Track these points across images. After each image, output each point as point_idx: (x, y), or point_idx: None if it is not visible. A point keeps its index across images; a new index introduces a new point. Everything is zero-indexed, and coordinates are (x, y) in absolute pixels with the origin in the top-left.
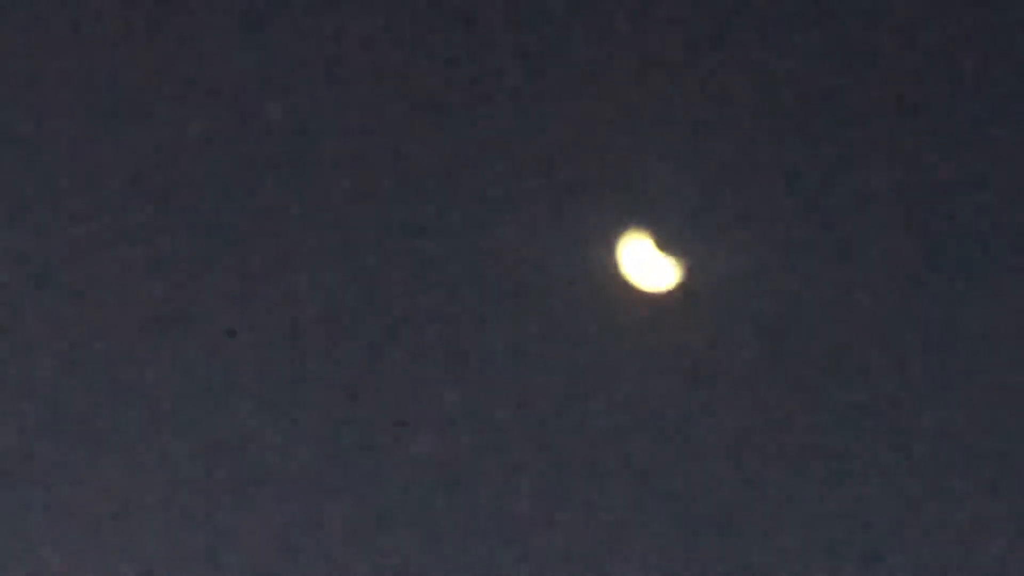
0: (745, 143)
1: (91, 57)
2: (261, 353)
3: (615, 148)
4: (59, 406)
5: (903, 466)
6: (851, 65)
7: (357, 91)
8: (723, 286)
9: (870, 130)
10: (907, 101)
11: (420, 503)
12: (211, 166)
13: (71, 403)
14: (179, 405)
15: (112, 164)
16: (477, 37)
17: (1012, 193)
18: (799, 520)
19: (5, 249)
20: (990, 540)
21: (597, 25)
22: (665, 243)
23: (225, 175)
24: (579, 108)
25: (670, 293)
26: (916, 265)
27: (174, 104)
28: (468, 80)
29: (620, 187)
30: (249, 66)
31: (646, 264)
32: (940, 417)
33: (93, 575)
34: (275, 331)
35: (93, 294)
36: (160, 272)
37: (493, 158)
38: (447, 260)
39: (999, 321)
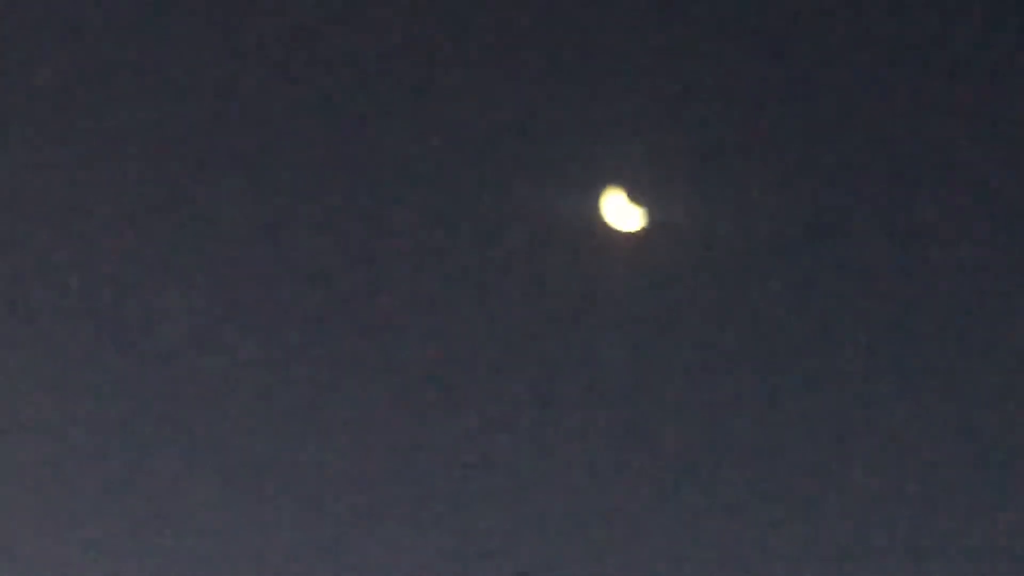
0: (702, 117)
1: None
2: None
3: (596, 124)
4: None
5: (841, 402)
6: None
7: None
8: (679, 231)
9: (817, 105)
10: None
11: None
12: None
13: None
14: None
15: None
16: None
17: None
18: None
19: None
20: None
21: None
22: (635, 196)
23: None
24: (567, 94)
25: (638, 234)
26: (862, 224)
27: None
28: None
29: (602, 155)
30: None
31: (621, 211)
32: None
33: None
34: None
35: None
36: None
37: (508, 132)
38: (468, 210)
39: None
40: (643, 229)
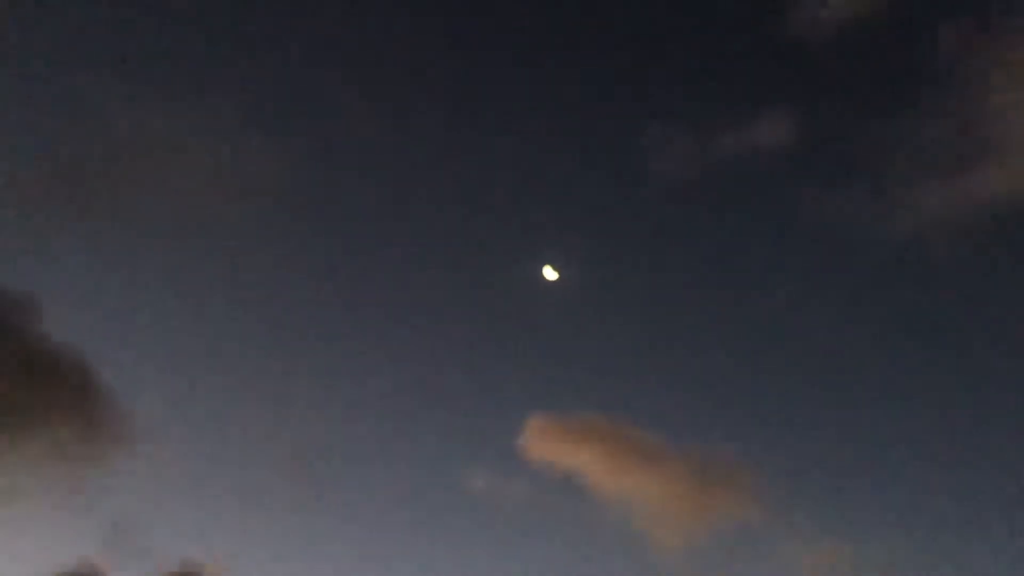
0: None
1: None
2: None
3: (541, 231)
4: None
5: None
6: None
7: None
8: (590, 282)
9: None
10: None
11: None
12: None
13: None
14: None
15: None
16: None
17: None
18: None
19: None
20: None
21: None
22: (557, 265)
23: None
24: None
25: (559, 284)
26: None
27: None
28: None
29: (543, 248)
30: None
31: (551, 271)
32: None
33: None
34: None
35: None
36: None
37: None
38: (472, 269)
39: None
40: (557, 279)
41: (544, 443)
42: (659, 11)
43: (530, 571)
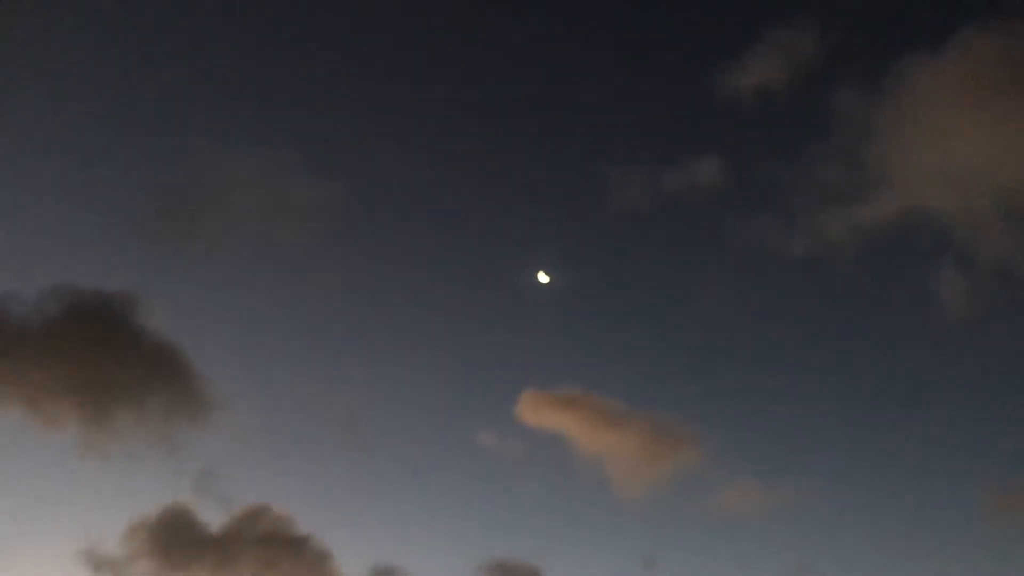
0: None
1: None
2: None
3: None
4: None
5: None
6: None
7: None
8: (572, 286)
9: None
10: None
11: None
12: None
13: None
14: None
15: None
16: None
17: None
18: None
19: None
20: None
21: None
22: (547, 270)
23: None
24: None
25: (551, 284)
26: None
27: None
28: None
29: (534, 264)
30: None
31: (543, 276)
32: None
33: None
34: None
35: None
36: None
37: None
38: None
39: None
40: (549, 283)
41: (535, 410)
42: (621, 82)
43: (524, 507)
